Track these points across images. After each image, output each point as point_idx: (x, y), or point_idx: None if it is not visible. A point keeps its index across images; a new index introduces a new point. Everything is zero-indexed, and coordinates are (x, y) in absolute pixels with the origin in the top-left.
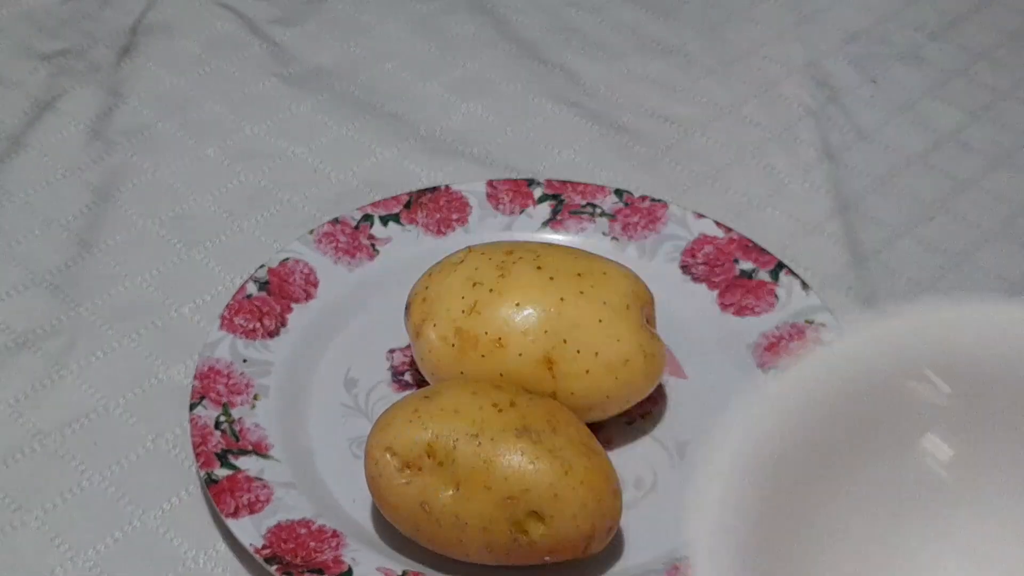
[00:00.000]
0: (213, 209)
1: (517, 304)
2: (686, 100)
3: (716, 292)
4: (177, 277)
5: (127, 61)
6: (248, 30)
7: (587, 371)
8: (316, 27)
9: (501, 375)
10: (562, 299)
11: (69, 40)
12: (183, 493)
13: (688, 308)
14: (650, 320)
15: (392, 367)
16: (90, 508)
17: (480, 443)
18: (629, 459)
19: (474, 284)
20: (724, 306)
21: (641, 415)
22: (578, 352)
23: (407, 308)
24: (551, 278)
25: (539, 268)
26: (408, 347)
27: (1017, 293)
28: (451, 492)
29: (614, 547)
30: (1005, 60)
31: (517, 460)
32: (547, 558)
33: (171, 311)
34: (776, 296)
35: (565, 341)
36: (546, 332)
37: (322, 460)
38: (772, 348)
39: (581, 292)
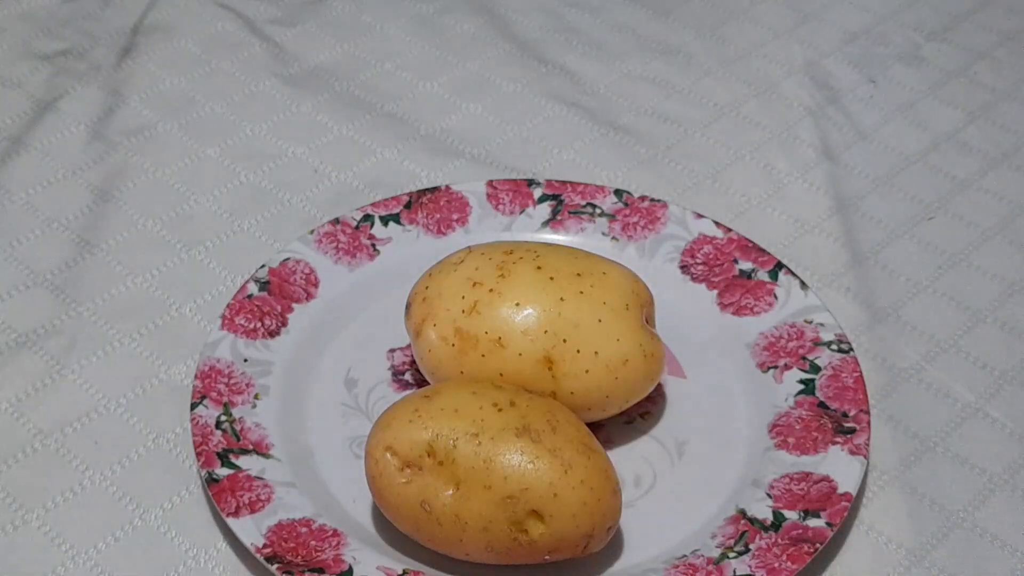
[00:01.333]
0: (213, 209)
1: (517, 304)
2: (686, 100)
3: (715, 292)
4: (177, 277)
5: (128, 61)
6: (248, 30)
7: (587, 371)
8: (316, 27)
9: (501, 375)
10: (562, 299)
11: (70, 40)
12: (183, 492)
13: (687, 308)
14: (650, 320)
15: (392, 367)
16: (90, 508)
17: (480, 442)
18: (629, 458)
19: (474, 284)
20: (723, 306)
21: (640, 415)
22: (578, 352)
23: (407, 308)
24: (551, 278)
25: (539, 268)
26: (408, 347)
27: (1015, 293)
28: (451, 491)
29: (614, 546)
30: (1004, 60)
31: (517, 459)
32: (547, 557)
33: (171, 311)
34: (775, 296)
35: (565, 341)
36: (546, 332)
37: (322, 460)
38: (771, 348)
39: (581, 292)
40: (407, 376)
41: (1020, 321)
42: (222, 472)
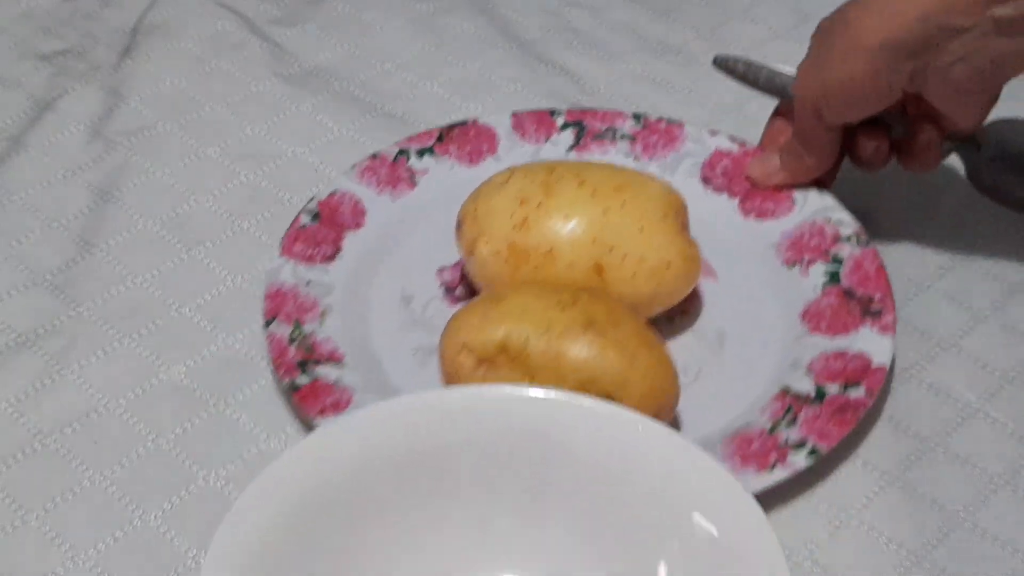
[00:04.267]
0: (213, 209)
1: (564, 217)
2: (686, 100)
3: (737, 200)
4: (177, 277)
5: (127, 61)
6: (248, 30)
7: (633, 275)
8: (316, 27)
9: (558, 282)
10: (605, 211)
11: (69, 40)
12: (183, 492)
13: (712, 216)
14: (685, 227)
15: (443, 283)
16: (90, 508)
17: (550, 338)
18: (674, 352)
19: (522, 201)
20: (746, 211)
21: (681, 312)
22: (624, 259)
23: (458, 227)
24: (593, 192)
25: (581, 184)
26: (457, 264)
27: (1016, 293)
28: (526, 384)
29: (674, 424)
30: None
31: (586, 352)
32: None
33: (171, 311)
34: (794, 200)
35: (611, 249)
36: (593, 241)
37: (390, 368)
38: (794, 246)
39: (623, 204)
40: (458, 292)
41: (1021, 321)
42: (303, 380)
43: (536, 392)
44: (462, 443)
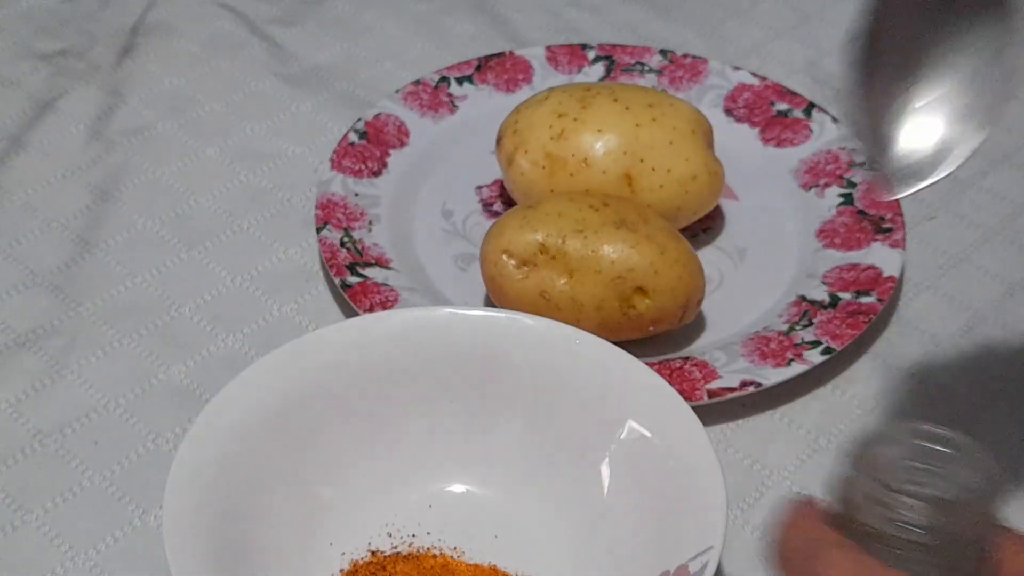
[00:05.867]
0: (213, 209)
1: (599, 130)
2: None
3: (758, 129)
4: (177, 277)
5: (127, 61)
6: (248, 30)
7: (661, 185)
8: (316, 27)
9: (587, 191)
10: (637, 125)
11: (69, 40)
12: None
13: (734, 143)
14: (710, 146)
15: (482, 200)
16: (90, 508)
17: (586, 236)
18: None
19: (559, 115)
20: (766, 140)
21: (703, 229)
22: (653, 169)
23: (498, 141)
24: (627, 108)
25: (616, 100)
26: (494, 183)
27: (1016, 293)
28: (565, 280)
29: (699, 326)
30: None
31: (620, 246)
32: (651, 328)
33: (171, 311)
34: (811, 129)
35: (642, 160)
36: (625, 153)
37: (433, 273)
38: (811, 171)
39: (653, 119)
40: (495, 207)
41: (1021, 321)
42: (353, 280)
43: (479, 312)
44: (411, 362)
